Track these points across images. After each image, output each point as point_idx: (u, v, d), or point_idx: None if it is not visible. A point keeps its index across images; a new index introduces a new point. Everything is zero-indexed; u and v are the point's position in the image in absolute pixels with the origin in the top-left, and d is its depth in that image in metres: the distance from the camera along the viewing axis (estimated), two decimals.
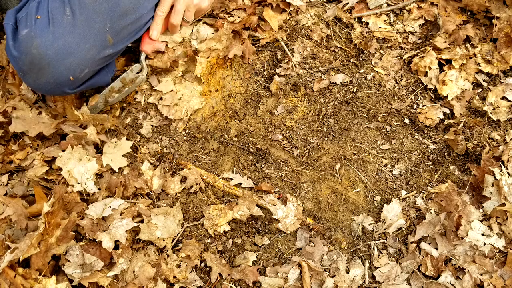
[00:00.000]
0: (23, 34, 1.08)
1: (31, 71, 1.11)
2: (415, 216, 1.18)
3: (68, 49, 1.10)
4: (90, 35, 1.13)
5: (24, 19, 1.10)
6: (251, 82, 1.45)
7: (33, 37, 1.07)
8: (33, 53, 1.07)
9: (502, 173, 1.14)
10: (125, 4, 1.15)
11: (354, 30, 1.47)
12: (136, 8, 1.19)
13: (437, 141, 1.31)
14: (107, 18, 1.14)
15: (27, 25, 1.09)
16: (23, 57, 1.09)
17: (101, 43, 1.16)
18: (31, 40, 1.07)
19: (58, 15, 1.10)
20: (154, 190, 1.23)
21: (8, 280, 0.98)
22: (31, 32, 1.07)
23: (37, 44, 1.07)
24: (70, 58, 1.11)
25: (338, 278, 1.08)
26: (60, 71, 1.12)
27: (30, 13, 1.10)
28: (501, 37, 1.35)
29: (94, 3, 1.12)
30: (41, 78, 1.12)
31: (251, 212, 1.19)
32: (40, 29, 1.08)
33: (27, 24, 1.09)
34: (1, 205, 1.14)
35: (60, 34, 1.09)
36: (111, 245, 1.08)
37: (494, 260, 1.08)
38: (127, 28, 1.20)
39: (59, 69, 1.11)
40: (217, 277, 1.11)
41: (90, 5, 1.11)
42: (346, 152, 1.31)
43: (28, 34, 1.07)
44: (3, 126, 1.28)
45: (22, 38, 1.08)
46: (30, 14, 1.10)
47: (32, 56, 1.08)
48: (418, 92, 1.39)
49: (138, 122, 1.35)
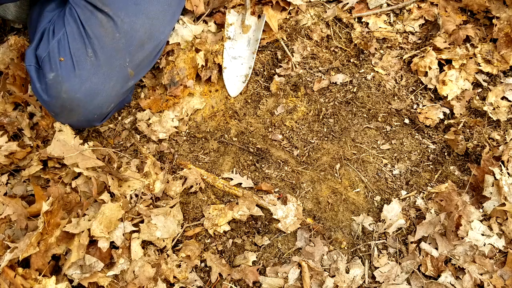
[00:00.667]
0: (50, 78, 1.09)
1: (63, 112, 1.14)
2: (415, 216, 1.18)
3: (95, 90, 1.13)
4: (113, 73, 1.16)
5: (48, 61, 1.10)
6: (251, 82, 1.44)
7: (61, 82, 1.09)
8: (63, 97, 1.10)
9: (502, 173, 1.14)
10: (140, 35, 1.17)
11: (354, 30, 1.47)
12: (152, 36, 1.20)
13: (437, 141, 1.31)
14: (126, 53, 1.17)
15: (52, 68, 1.09)
16: (54, 101, 1.11)
17: (123, 78, 1.20)
18: (60, 85, 1.09)
19: (81, 56, 1.11)
20: (155, 193, 1.23)
21: (8, 280, 0.97)
22: (58, 77, 1.08)
23: (66, 88, 1.09)
24: (97, 98, 1.14)
25: (338, 278, 1.08)
26: (90, 110, 1.16)
27: (53, 55, 1.10)
28: (501, 37, 1.35)
29: (112, 41, 1.13)
30: (72, 117, 1.17)
31: (251, 212, 1.18)
32: (66, 73, 1.09)
33: (52, 67, 1.09)
34: (1, 205, 1.13)
35: (86, 76, 1.11)
36: (106, 245, 1.07)
37: (494, 260, 1.08)
38: (146, 58, 1.24)
39: (89, 109, 1.15)
40: (217, 277, 1.11)
41: (109, 43, 1.13)
42: (346, 152, 1.31)
43: (55, 79, 1.09)
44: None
45: (50, 83, 1.09)
46: (53, 56, 1.10)
47: (63, 100, 1.10)
48: (418, 92, 1.39)
49: (138, 122, 1.35)
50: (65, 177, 1.21)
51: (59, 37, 1.11)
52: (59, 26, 1.12)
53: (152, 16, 1.18)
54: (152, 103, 1.35)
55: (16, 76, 1.36)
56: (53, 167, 1.24)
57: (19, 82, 1.37)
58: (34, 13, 1.24)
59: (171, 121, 1.34)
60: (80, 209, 1.13)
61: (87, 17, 1.11)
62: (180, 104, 1.37)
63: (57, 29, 1.12)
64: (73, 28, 1.11)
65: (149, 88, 1.39)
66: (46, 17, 1.17)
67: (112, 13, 1.11)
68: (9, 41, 1.37)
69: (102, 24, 1.11)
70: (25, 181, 1.24)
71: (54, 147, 1.19)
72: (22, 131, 1.32)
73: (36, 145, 1.30)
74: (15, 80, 1.36)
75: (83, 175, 1.21)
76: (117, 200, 1.16)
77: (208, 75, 1.39)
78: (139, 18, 1.16)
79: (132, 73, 1.21)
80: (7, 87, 1.37)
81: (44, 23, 1.16)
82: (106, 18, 1.12)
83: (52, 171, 1.22)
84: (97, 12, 1.11)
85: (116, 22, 1.12)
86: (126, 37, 1.15)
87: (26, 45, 1.40)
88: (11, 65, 1.37)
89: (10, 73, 1.37)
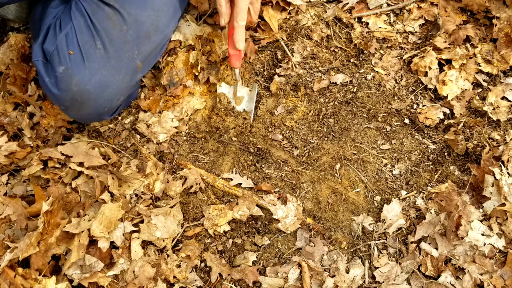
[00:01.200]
0: (60, 72, 1.08)
1: (73, 105, 1.14)
2: (415, 216, 1.18)
3: (105, 82, 1.13)
4: (122, 65, 1.16)
5: (56, 54, 1.09)
6: (251, 82, 1.44)
7: (71, 75, 1.08)
8: (74, 90, 1.10)
9: (502, 173, 1.14)
10: (147, 27, 1.17)
11: (354, 30, 1.47)
12: (157, 28, 1.20)
13: (437, 141, 1.31)
14: (134, 45, 1.17)
15: (61, 62, 1.08)
16: (64, 95, 1.11)
17: (132, 70, 1.20)
18: (70, 77, 1.08)
19: (90, 49, 1.11)
20: (155, 193, 1.23)
21: (8, 280, 0.97)
22: (68, 70, 1.08)
23: (76, 81, 1.09)
24: (107, 90, 1.15)
25: (338, 278, 1.08)
26: (100, 103, 1.16)
27: (61, 48, 1.09)
28: (501, 37, 1.35)
29: (120, 33, 1.13)
30: (82, 110, 1.17)
31: (251, 212, 1.18)
32: (76, 66, 1.09)
33: (61, 61, 1.09)
34: (1, 205, 1.13)
35: (96, 69, 1.11)
36: (106, 245, 1.07)
37: (494, 260, 1.08)
38: (153, 50, 1.24)
39: (99, 102, 1.15)
40: (217, 277, 1.11)
41: (117, 36, 1.13)
42: (346, 152, 1.31)
43: (65, 72, 1.08)
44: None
45: (60, 76, 1.08)
46: (62, 49, 1.09)
47: (73, 92, 1.10)
48: (418, 92, 1.38)
49: (138, 123, 1.35)
50: (65, 177, 1.21)
51: (67, 30, 1.11)
52: (66, 21, 1.12)
53: (157, 8, 1.19)
54: (152, 104, 1.36)
55: (16, 76, 1.37)
56: (53, 167, 1.24)
57: (19, 82, 1.37)
58: (37, 11, 1.24)
59: (170, 121, 1.34)
60: (82, 209, 1.13)
61: (94, 10, 1.11)
62: (180, 104, 1.37)
63: (64, 23, 1.12)
64: (80, 22, 1.11)
65: (149, 88, 1.39)
66: (50, 13, 1.17)
67: (118, 5, 1.12)
68: (9, 41, 1.37)
69: (109, 16, 1.11)
70: (25, 181, 1.24)
71: (65, 148, 1.23)
72: (22, 131, 1.32)
73: (36, 145, 1.30)
74: (15, 80, 1.37)
75: (83, 175, 1.21)
76: (117, 200, 1.16)
77: (206, 77, 1.38)
78: (145, 10, 1.16)
79: (140, 66, 1.21)
80: (7, 87, 1.37)
81: (49, 19, 1.16)
82: (113, 11, 1.12)
83: (52, 171, 1.23)
84: (104, 5, 1.11)
85: (123, 14, 1.12)
86: (133, 29, 1.15)
87: (27, 46, 1.40)
88: (11, 65, 1.37)
89: (10, 73, 1.37)
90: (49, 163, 1.24)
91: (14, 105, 1.38)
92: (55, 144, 1.30)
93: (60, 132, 1.34)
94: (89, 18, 1.11)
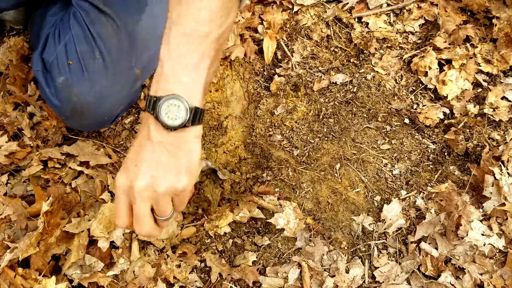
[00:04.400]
0: (60, 82, 1.08)
1: (74, 116, 1.14)
2: (415, 216, 1.18)
3: (105, 92, 1.12)
4: (121, 74, 1.15)
5: (56, 65, 1.09)
6: (251, 82, 1.44)
7: (71, 85, 1.08)
8: (74, 101, 1.09)
9: (502, 173, 1.14)
10: (142, 35, 1.16)
11: (354, 30, 1.47)
12: (155, 35, 1.19)
13: (437, 141, 1.31)
14: (132, 54, 1.16)
15: (61, 72, 1.08)
16: (65, 105, 1.10)
17: (132, 79, 1.19)
18: (70, 88, 1.08)
19: (89, 59, 1.10)
20: None
21: (8, 280, 0.98)
22: (67, 81, 1.08)
23: (76, 92, 1.08)
24: (108, 100, 1.14)
25: (338, 278, 1.08)
26: (100, 113, 1.15)
27: (61, 58, 1.09)
28: (501, 37, 1.35)
29: (118, 42, 1.12)
30: (83, 120, 1.16)
31: (251, 215, 1.18)
32: (76, 77, 1.08)
33: (60, 71, 1.08)
34: (1, 205, 1.13)
35: (95, 79, 1.10)
36: (106, 245, 1.07)
37: (494, 260, 1.08)
38: (153, 57, 1.23)
39: (99, 112, 1.15)
40: (217, 277, 1.11)
41: (115, 45, 1.12)
42: (346, 152, 1.31)
43: (65, 82, 1.08)
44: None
45: (60, 86, 1.08)
46: (61, 59, 1.09)
47: (73, 103, 1.10)
48: (418, 92, 1.39)
49: (138, 122, 1.35)
50: (65, 177, 1.21)
51: (66, 41, 1.10)
52: (65, 30, 1.12)
53: (154, 15, 1.18)
54: None
55: (16, 77, 1.36)
56: (53, 167, 1.24)
57: (19, 83, 1.37)
58: (36, 19, 1.23)
59: None
60: (82, 209, 1.13)
61: (91, 19, 1.11)
62: None
63: (63, 32, 1.12)
64: (78, 31, 1.11)
65: (149, 88, 1.39)
66: (48, 22, 1.16)
67: (114, 14, 1.11)
68: (9, 42, 1.38)
69: (106, 26, 1.11)
70: (25, 181, 1.24)
71: (70, 149, 1.25)
72: (22, 131, 1.32)
73: (36, 145, 1.30)
74: (15, 80, 1.36)
75: (83, 175, 1.21)
76: None
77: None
78: (142, 17, 1.16)
79: (140, 73, 1.20)
80: (7, 87, 1.37)
81: (48, 27, 1.15)
82: (110, 20, 1.11)
83: (52, 171, 1.22)
84: (101, 14, 1.11)
85: (119, 23, 1.12)
86: (131, 38, 1.14)
87: (26, 47, 1.40)
88: (10, 66, 1.37)
89: (10, 73, 1.37)
90: (49, 163, 1.24)
91: (14, 105, 1.38)
92: (56, 144, 1.30)
93: (60, 132, 1.34)
94: (87, 28, 1.10)
